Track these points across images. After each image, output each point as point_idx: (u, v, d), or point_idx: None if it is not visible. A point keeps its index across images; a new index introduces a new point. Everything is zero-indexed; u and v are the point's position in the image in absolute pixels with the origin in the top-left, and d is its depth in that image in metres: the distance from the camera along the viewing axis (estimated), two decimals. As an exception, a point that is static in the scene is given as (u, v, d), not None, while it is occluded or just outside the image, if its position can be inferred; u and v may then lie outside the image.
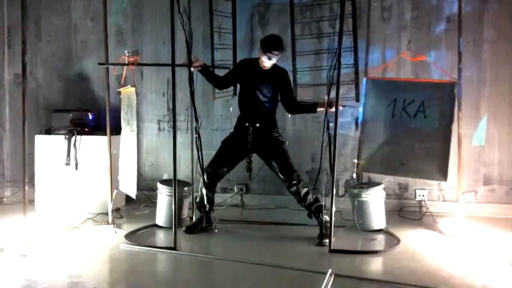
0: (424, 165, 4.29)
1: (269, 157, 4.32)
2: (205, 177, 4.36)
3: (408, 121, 4.35)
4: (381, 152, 4.46)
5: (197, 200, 4.53)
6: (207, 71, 4.41)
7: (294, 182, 4.27)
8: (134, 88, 4.22)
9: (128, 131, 4.43)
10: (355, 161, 4.67)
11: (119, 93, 4.65)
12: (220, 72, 4.64)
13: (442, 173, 4.24)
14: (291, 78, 5.18)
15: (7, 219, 4.87)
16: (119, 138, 4.69)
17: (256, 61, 4.33)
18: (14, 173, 5.90)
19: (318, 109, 4.36)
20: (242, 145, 4.32)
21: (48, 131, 5.38)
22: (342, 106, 4.20)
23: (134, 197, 4.30)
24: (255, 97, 4.31)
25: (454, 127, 4.34)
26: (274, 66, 4.31)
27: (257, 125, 4.31)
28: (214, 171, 4.37)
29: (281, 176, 4.29)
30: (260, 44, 4.25)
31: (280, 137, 4.38)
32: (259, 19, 5.60)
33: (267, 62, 4.22)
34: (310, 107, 4.48)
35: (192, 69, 4.28)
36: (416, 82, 4.58)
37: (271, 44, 4.17)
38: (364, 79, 4.64)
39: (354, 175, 4.77)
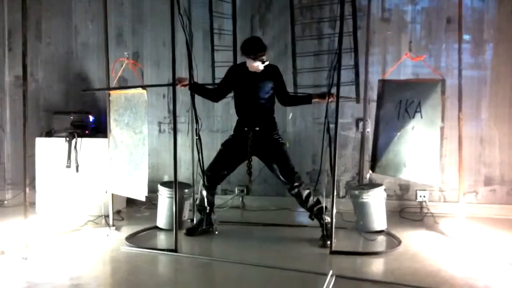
0: (419, 168, 4.28)
1: (270, 160, 4.31)
2: (204, 179, 4.35)
3: (409, 122, 4.35)
4: (391, 154, 4.46)
5: (197, 202, 4.52)
6: (198, 88, 4.35)
7: (295, 184, 4.25)
8: (145, 91, 4.17)
9: (130, 134, 4.36)
10: (369, 161, 4.68)
11: (109, 95, 4.63)
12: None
13: (433, 176, 4.20)
14: (291, 79, 5.20)
15: (8, 222, 4.87)
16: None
17: (245, 65, 4.26)
18: (15, 176, 5.91)
19: (313, 100, 4.34)
20: (242, 149, 4.30)
21: (49, 134, 5.38)
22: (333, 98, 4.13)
23: (144, 199, 4.25)
24: (251, 101, 4.29)
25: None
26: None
27: (257, 128, 4.29)
28: (214, 174, 4.36)
29: (282, 179, 4.28)
30: (245, 51, 4.16)
31: (280, 139, 4.37)
32: (259, 20, 5.60)
33: (261, 66, 4.16)
34: (305, 99, 4.45)
35: (181, 88, 4.25)
36: (414, 83, 4.57)
37: (257, 48, 4.12)
38: (377, 80, 4.64)
39: (368, 175, 4.75)
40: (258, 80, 4.25)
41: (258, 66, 4.16)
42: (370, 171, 4.69)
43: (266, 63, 4.17)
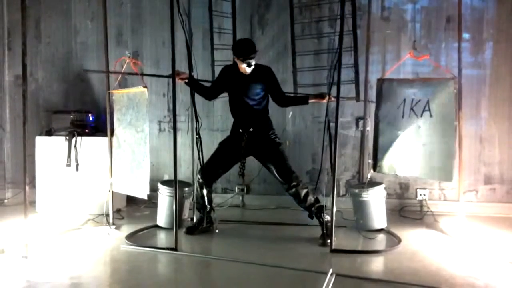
0: (431, 165, 4.26)
1: (266, 160, 4.30)
2: (199, 176, 4.36)
3: (416, 120, 4.32)
4: (395, 153, 4.45)
5: (194, 200, 4.53)
6: (194, 84, 4.36)
7: (293, 184, 4.24)
8: (146, 89, 4.17)
9: (132, 132, 4.35)
10: (370, 161, 4.68)
11: (111, 94, 4.61)
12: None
13: (447, 173, 4.20)
14: (291, 78, 5.21)
15: (8, 221, 4.87)
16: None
17: (237, 66, 4.26)
18: (15, 175, 5.91)
19: (310, 100, 4.33)
20: (237, 149, 4.30)
21: (49, 133, 5.38)
22: (333, 98, 4.12)
23: (146, 197, 4.25)
24: (244, 103, 4.28)
25: (456, 125, 4.34)
26: (256, 65, 4.23)
27: (251, 129, 4.29)
28: (209, 172, 4.35)
29: (279, 178, 4.27)
30: (235, 52, 4.16)
31: (276, 139, 4.35)
32: (258, 19, 5.60)
33: (248, 69, 4.17)
34: (302, 99, 4.44)
35: (178, 81, 4.22)
36: (421, 81, 4.55)
37: (246, 51, 4.11)
38: (377, 79, 4.63)
39: (369, 175, 4.75)
40: (248, 81, 4.25)
41: (245, 68, 4.17)
42: (372, 171, 4.68)
43: (252, 67, 4.17)
